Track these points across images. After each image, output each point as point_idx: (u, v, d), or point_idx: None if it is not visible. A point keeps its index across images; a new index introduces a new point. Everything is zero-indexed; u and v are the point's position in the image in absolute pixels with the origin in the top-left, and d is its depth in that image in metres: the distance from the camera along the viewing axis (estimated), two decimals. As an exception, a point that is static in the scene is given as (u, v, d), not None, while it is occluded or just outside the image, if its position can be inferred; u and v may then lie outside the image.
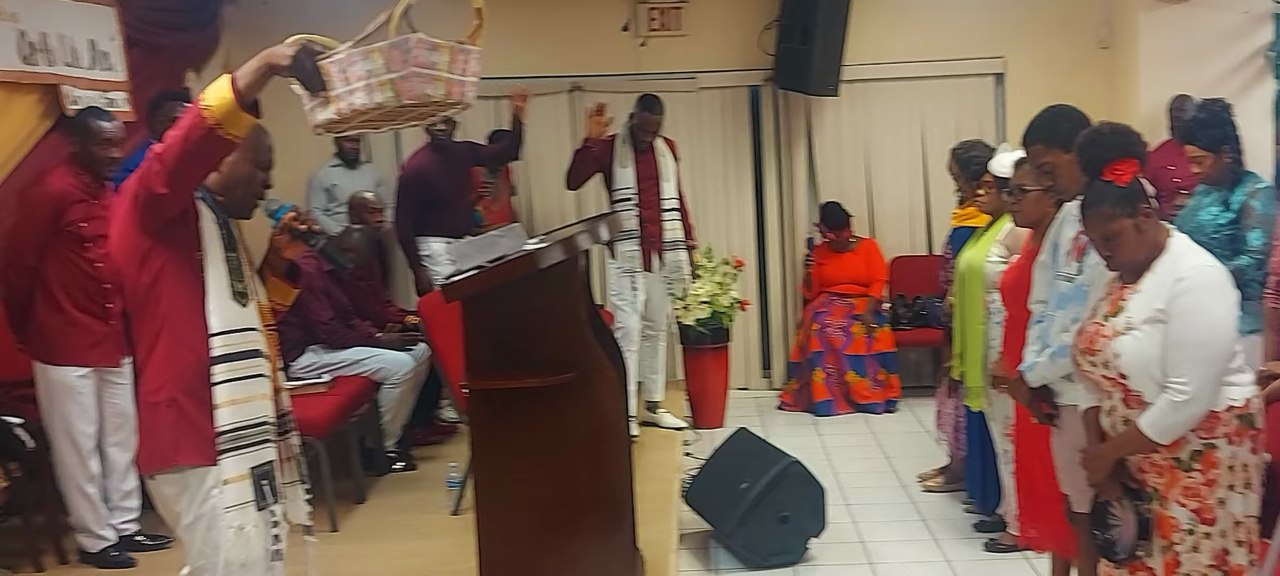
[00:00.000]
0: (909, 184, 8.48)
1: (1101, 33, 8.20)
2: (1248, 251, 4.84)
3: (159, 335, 3.00)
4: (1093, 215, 3.30)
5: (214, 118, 2.80)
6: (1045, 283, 3.91)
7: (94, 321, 4.95)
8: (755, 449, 5.54)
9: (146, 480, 3.13)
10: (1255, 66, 7.59)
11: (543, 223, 8.26)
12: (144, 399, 3.05)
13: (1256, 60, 7.59)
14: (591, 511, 3.96)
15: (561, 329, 3.89)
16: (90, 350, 4.97)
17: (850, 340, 7.87)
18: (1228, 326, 3.21)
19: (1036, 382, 3.83)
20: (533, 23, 8.05)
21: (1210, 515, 3.23)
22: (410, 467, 6.31)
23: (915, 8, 8.29)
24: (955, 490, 5.98)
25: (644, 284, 6.80)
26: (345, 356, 6.05)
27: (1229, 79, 7.46)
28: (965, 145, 5.77)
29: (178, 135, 2.84)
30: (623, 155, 6.74)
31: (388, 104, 2.86)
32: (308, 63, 2.85)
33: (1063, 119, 3.78)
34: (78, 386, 4.96)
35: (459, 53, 3.00)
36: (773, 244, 8.56)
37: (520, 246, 3.94)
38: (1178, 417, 3.18)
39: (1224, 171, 5.02)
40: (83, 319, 4.95)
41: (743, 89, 8.45)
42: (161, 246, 2.97)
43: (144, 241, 2.97)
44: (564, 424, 3.88)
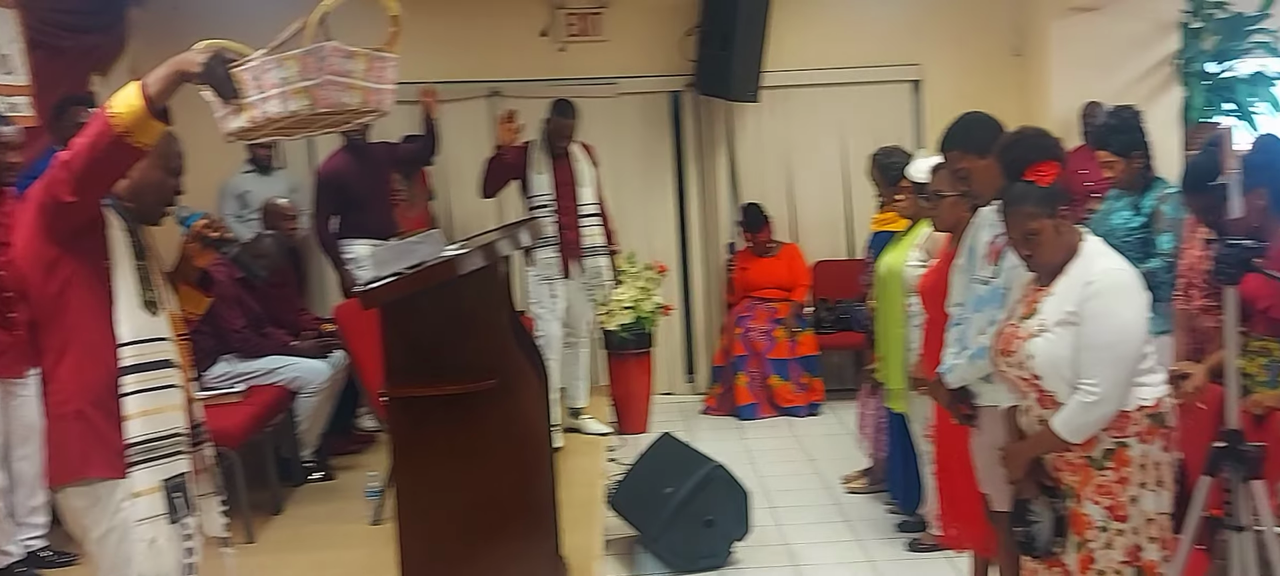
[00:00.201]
0: (829, 189, 8.54)
1: (1014, 41, 8.33)
2: (1158, 254, 4.93)
3: (66, 346, 2.93)
4: (1015, 214, 3.35)
5: (122, 125, 2.74)
6: (962, 286, 3.95)
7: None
8: (679, 454, 5.54)
9: (55, 494, 3.06)
10: (1163, 74, 7.76)
11: (463, 228, 8.16)
12: (51, 411, 2.97)
13: (1164, 68, 7.77)
14: (515, 518, 3.93)
15: (483, 335, 3.87)
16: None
17: (773, 344, 7.91)
18: (1137, 328, 3.27)
19: (955, 384, 3.87)
20: (450, 27, 7.97)
21: (1123, 512, 3.28)
22: (328, 477, 6.22)
23: (834, 15, 8.35)
24: (878, 491, 6.02)
25: (563, 291, 6.75)
26: (260, 365, 5.95)
27: (1137, 86, 7.63)
28: (884, 151, 5.83)
29: (85, 143, 2.78)
30: (538, 162, 6.68)
31: (302, 112, 2.81)
32: (220, 70, 2.80)
33: (977, 125, 3.84)
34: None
35: (375, 60, 2.96)
36: (695, 249, 8.58)
37: (440, 252, 3.91)
38: (1088, 417, 3.24)
39: (1135, 176, 5.12)
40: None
41: (663, 95, 8.45)
42: (69, 255, 2.90)
43: (51, 250, 2.90)
44: (486, 430, 3.86)
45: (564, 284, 6.75)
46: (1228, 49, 7.70)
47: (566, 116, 6.71)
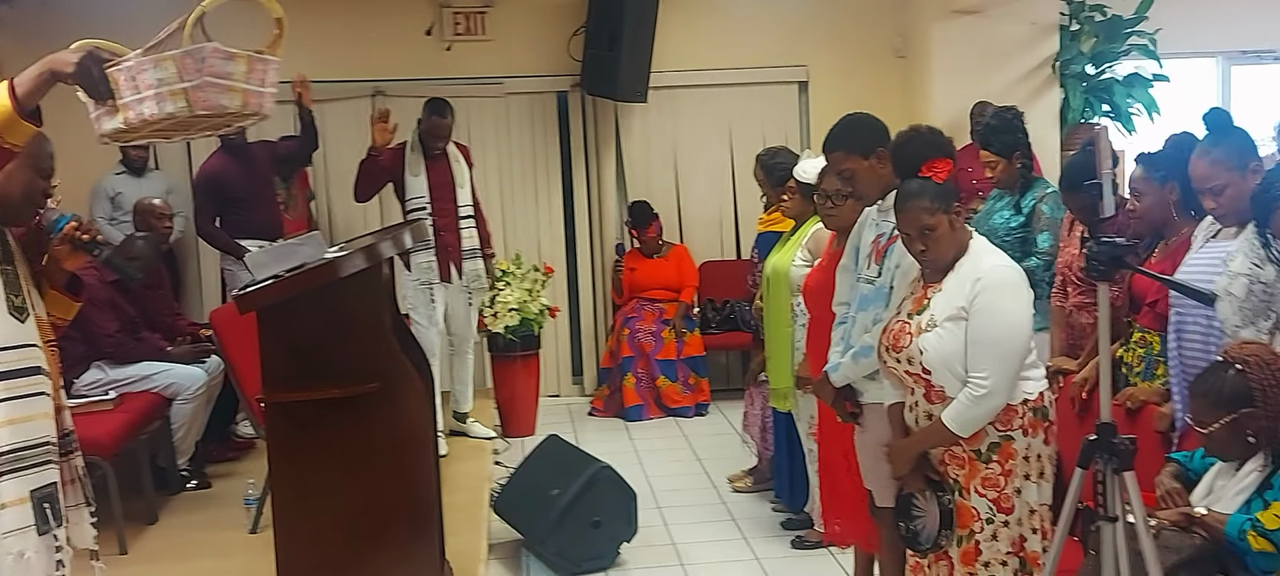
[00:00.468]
0: (717, 189, 8.59)
1: (897, 43, 8.45)
2: (1037, 253, 5.04)
3: None
4: (911, 208, 3.40)
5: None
6: (847, 285, 4.01)
7: None
8: (566, 455, 5.52)
9: None
10: (1043, 76, 7.93)
11: (345, 230, 8.04)
12: None
13: (1044, 70, 7.93)
14: (397, 523, 3.88)
15: (365, 338, 3.80)
16: None
17: (661, 345, 7.92)
18: (1024, 324, 3.37)
19: (840, 382, 3.91)
20: (332, 25, 7.83)
21: (1008, 504, 3.37)
22: (205, 486, 6.07)
23: (721, 17, 8.40)
24: (764, 490, 6.06)
25: (442, 295, 6.63)
26: (133, 371, 5.78)
27: (1017, 87, 7.78)
28: (770, 151, 5.87)
29: None
30: (413, 163, 6.53)
31: (179, 114, 2.74)
32: (94, 70, 2.72)
33: (860, 127, 3.88)
34: None
35: (257, 62, 2.89)
36: (583, 250, 8.55)
37: (320, 254, 3.83)
38: (978, 411, 3.31)
39: (1015, 176, 5.23)
40: None
41: (551, 95, 8.42)
42: None
43: None
44: (369, 434, 3.80)
45: (443, 288, 6.63)
46: (1105, 51, 7.91)
47: (442, 116, 6.58)
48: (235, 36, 2.90)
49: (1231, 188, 3.59)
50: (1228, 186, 3.59)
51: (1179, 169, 3.94)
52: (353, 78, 8.02)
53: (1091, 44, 7.88)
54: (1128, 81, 7.97)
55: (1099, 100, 7.99)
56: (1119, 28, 7.86)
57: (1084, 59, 7.91)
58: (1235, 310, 3.46)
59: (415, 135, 6.62)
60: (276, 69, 2.99)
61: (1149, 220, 4.09)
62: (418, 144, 6.59)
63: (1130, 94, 7.94)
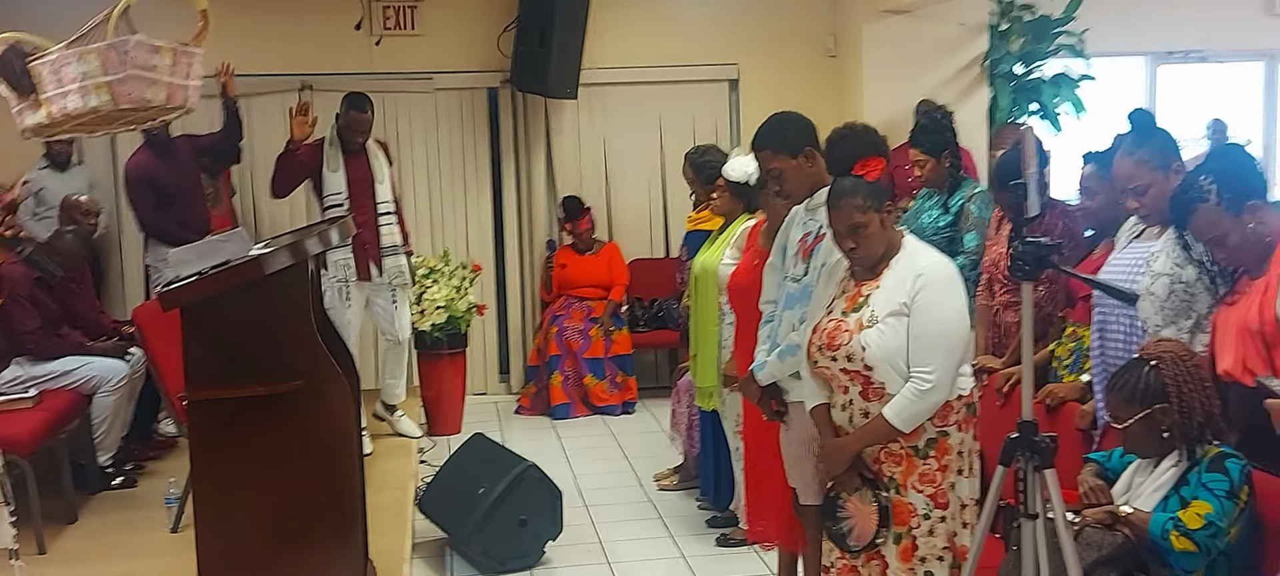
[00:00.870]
0: (647, 187, 8.60)
1: (828, 42, 8.51)
2: (964, 252, 5.11)
3: None
4: (843, 206, 3.42)
5: None
6: (774, 283, 4.02)
7: None
8: (492, 454, 5.50)
9: None
10: (972, 75, 8.02)
11: (271, 226, 7.95)
12: None
13: (973, 69, 8.01)
14: (321, 522, 3.85)
15: (289, 336, 3.76)
16: None
17: (588, 343, 7.92)
18: (964, 318, 3.43)
19: (766, 381, 3.92)
20: (260, 17, 7.73)
21: (943, 499, 3.40)
22: (129, 484, 5.97)
23: (652, 13, 8.41)
24: (690, 488, 6.08)
25: (357, 294, 6.50)
26: (53, 368, 5.66)
27: (947, 87, 7.86)
28: (699, 150, 5.88)
29: None
30: (331, 159, 6.41)
31: (103, 108, 2.72)
32: (16, 63, 2.69)
33: (787, 126, 3.89)
34: None
35: (182, 55, 2.87)
36: (511, 247, 8.52)
37: (245, 251, 3.79)
38: (922, 405, 3.34)
39: (944, 175, 5.29)
40: None
41: (480, 90, 8.38)
42: None
43: None
44: (292, 433, 3.77)
45: (359, 287, 6.50)
46: (1034, 51, 8.01)
47: (361, 110, 6.47)
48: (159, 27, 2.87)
49: (1154, 188, 3.64)
50: (1151, 187, 3.65)
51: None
52: (280, 71, 7.91)
53: (1020, 43, 7.97)
54: (1055, 81, 8.08)
55: (1027, 100, 8.09)
56: (1047, 27, 7.96)
57: (1012, 58, 8.01)
58: (1157, 310, 3.54)
59: (334, 130, 6.50)
60: (201, 61, 2.97)
61: (1102, 217, 4.15)
62: (336, 139, 6.47)
63: (1057, 93, 8.04)
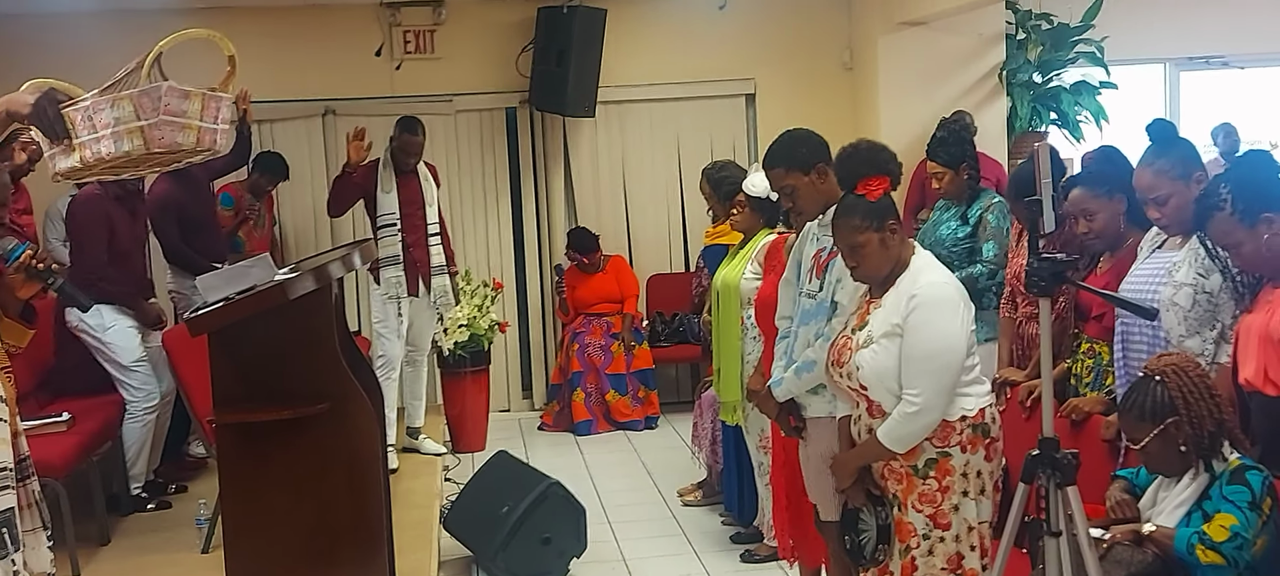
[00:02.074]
0: (665, 203, 8.64)
1: (844, 55, 8.53)
2: (981, 261, 5.12)
3: None
4: (841, 226, 3.44)
5: None
6: (790, 299, 4.03)
7: None
8: (515, 471, 5.53)
9: None
10: (989, 85, 8.01)
11: (298, 249, 8.06)
12: None
13: (991, 79, 8.01)
14: (348, 542, 3.87)
15: (314, 359, 3.80)
16: None
17: (610, 359, 7.95)
18: (958, 340, 3.37)
19: (783, 397, 3.92)
20: (284, 45, 7.87)
21: (945, 520, 3.38)
22: (164, 506, 6.03)
23: (669, 31, 8.44)
24: (713, 503, 6.10)
25: (408, 310, 6.67)
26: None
27: (965, 98, 7.86)
28: (716, 166, 5.91)
29: None
30: (385, 180, 6.57)
31: (135, 152, 2.78)
32: (49, 110, 2.76)
33: (800, 143, 3.90)
34: None
35: (211, 100, 2.94)
36: (531, 265, 8.58)
37: (270, 276, 3.84)
38: (910, 427, 3.33)
39: (963, 187, 5.30)
40: None
41: (499, 111, 8.44)
42: None
43: None
44: (318, 455, 3.79)
45: (410, 303, 6.67)
46: (1052, 59, 7.99)
47: (414, 133, 6.63)
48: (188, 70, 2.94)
49: (1176, 198, 3.62)
50: (1172, 196, 3.63)
51: (1121, 180, 4.01)
52: (304, 97, 8.04)
53: (1038, 52, 7.95)
54: (1075, 89, 8.04)
55: (1046, 108, 8.07)
56: (1066, 36, 7.94)
57: (1031, 67, 7.99)
58: (1181, 320, 3.52)
59: (387, 153, 6.64)
60: (230, 105, 3.04)
61: (1106, 236, 4.11)
62: (390, 161, 6.62)
63: (1078, 101, 8.01)
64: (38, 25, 7.41)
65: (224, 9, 7.68)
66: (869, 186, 3.43)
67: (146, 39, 2.98)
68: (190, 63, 3.02)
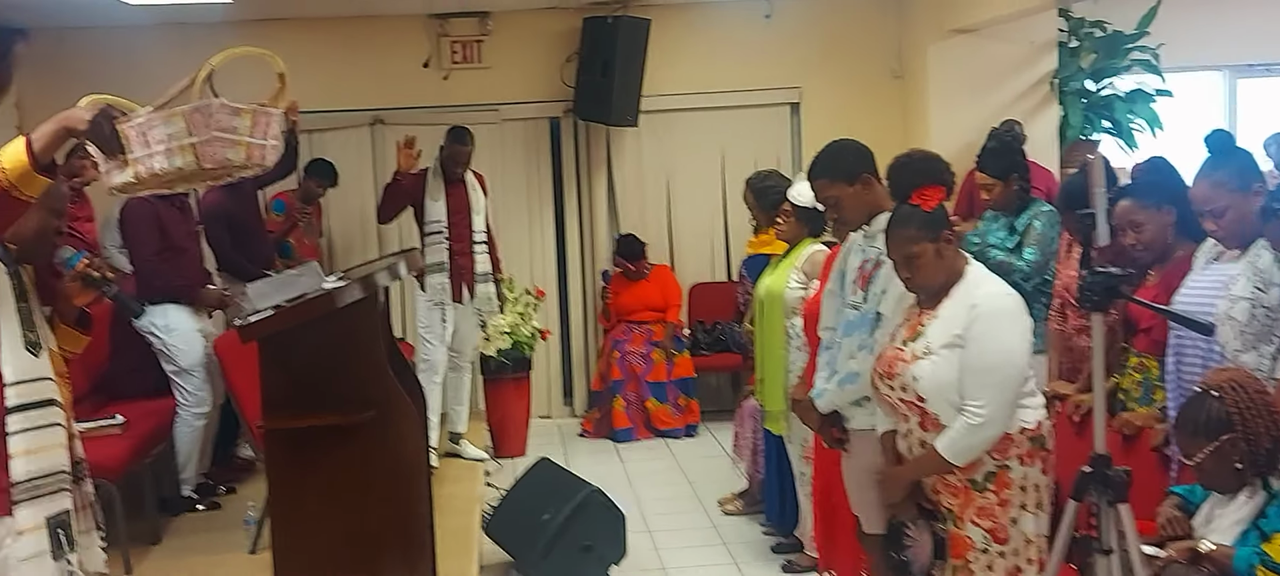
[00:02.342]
0: (708, 212, 8.63)
1: (893, 63, 8.46)
2: (1021, 261, 5.08)
3: None
4: (896, 236, 3.41)
5: (8, 179, 2.77)
6: (833, 310, 4.01)
7: None
8: (556, 478, 5.55)
9: None
10: (1041, 93, 7.89)
11: (345, 256, 8.14)
12: None
13: (1042, 87, 7.89)
14: (391, 547, 3.90)
15: (360, 366, 3.84)
16: None
17: (651, 367, 7.96)
18: (1021, 351, 3.34)
19: (826, 409, 3.90)
20: (334, 55, 7.98)
21: (1003, 534, 3.34)
22: (214, 506, 6.10)
23: (713, 39, 8.43)
24: (754, 513, 6.09)
25: (453, 316, 6.72)
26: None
27: (1015, 106, 7.73)
28: (759, 176, 5.88)
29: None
30: (434, 188, 6.65)
31: (187, 167, 2.83)
32: (105, 126, 2.81)
33: (844, 153, 3.87)
34: None
35: (261, 116, 2.99)
36: (573, 273, 8.60)
37: (319, 285, 3.88)
38: (974, 440, 3.28)
39: (1013, 198, 5.26)
40: None
41: (544, 120, 8.49)
42: None
43: None
44: (363, 461, 3.82)
45: (455, 309, 6.72)
46: (1106, 67, 7.87)
47: (463, 143, 6.69)
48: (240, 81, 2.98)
49: (1233, 210, 3.57)
50: (1229, 208, 3.57)
51: (1169, 192, 3.97)
52: (353, 107, 8.14)
53: (1091, 60, 7.85)
54: (1130, 97, 7.91)
55: (1099, 116, 7.95)
56: (1119, 43, 7.81)
57: (1083, 75, 7.88)
58: (1237, 335, 3.46)
59: (437, 161, 6.72)
60: (280, 120, 3.08)
61: (1154, 248, 4.07)
62: (439, 170, 6.70)
63: (1132, 110, 7.88)
64: (99, 38, 7.59)
65: (276, 20, 7.79)
66: (924, 196, 3.39)
67: (201, 51, 3.03)
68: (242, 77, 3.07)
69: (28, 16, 7.40)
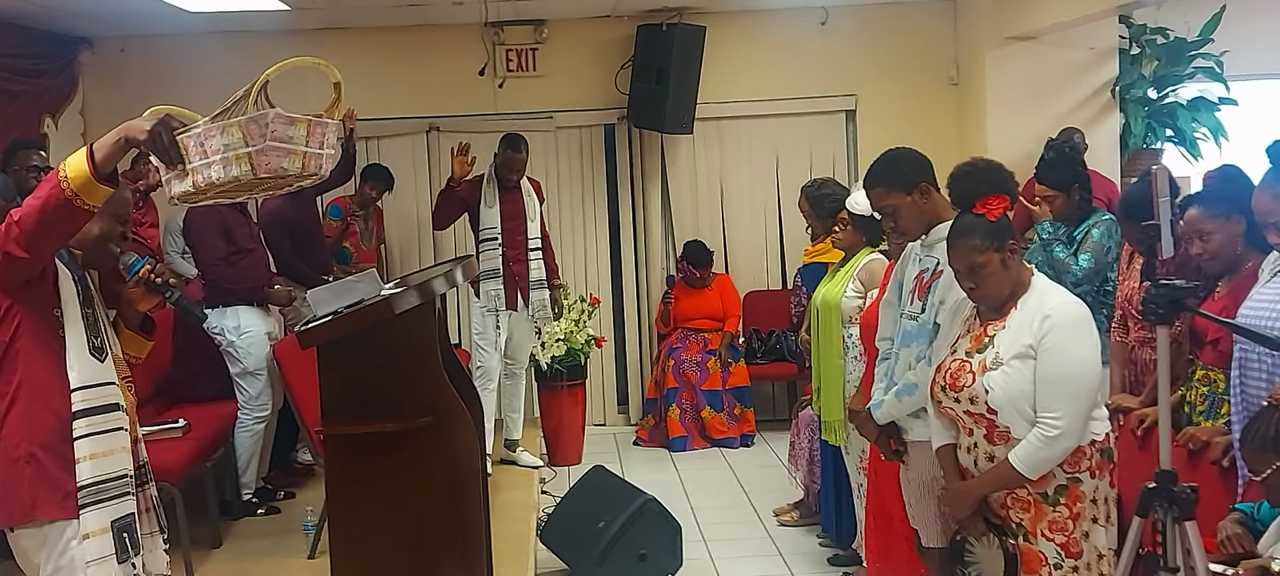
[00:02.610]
0: (763, 219, 8.61)
1: (950, 70, 8.41)
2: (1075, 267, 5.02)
3: (16, 393, 3.02)
4: (961, 246, 3.36)
5: (71, 189, 2.82)
6: (890, 320, 3.98)
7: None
8: (611, 486, 5.55)
9: (7, 534, 3.12)
10: (1102, 101, 7.79)
11: (403, 262, 8.21)
12: (3, 453, 3.04)
13: (1103, 95, 7.79)
14: (447, 554, 3.91)
15: (417, 373, 3.84)
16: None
17: (706, 375, 7.94)
18: (1094, 362, 3.30)
19: (884, 420, 3.87)
20: (390, 64, 8.05)
21: (1076, 548, 3.30)
22: (274, 511, 6.16)
23: (768, 46, 8.40)
24: (811, 524, 6.05)
25: (507, 323, 6.76)
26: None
27: (1076, 114, 7.64)
28: (816, 183, 5.85)
29: (36, 204, 2.86)
30: (488, 195, 6.68)
31: (243, 177, 2.87)
32: (164, 136, 2.86)
33: (901, 161, 3.83)
34: None
35: (316, 125, 3.02)
36: (628, 281, 8.61)
37: (376, 291, 3.90)
38: (1049, 452, 3.24)
39: (1073, 209, 5.20)
40: None
41: (598, 127, 8.50)
42: (19, 305, 3.00)
43: (2, 300, 2.99)
44: (420, 468, 3.83)
45: (509, 316, 6.75)
46: (1168, 74, 7.76)
47: (517, 150, 6.72)
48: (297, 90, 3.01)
49: None
50: None
51: (1240, 201, 3.90)
52: (409, 114, 8.20)
53: (1153, 67, 7.74)
54: (1193, 105, 7.78)
55: (1162, 125, 7.83)
56: (1182, 50, 7.69)
57: (1145, 83, 7.78)
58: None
59: (491, 168, 6.75)
60: (335, 130, 3.11)
61: (1222, 258, 4.00)
62: (494, 177, 6.73)
63: (1195, 118, 7.76)
64: (161, 46, 7.72)
65: (334, 29, 7.87)
66: (989, 205, 3.34)
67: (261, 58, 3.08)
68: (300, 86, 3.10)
69: (91, 25, 7.54)
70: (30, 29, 7.12)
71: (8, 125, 6.43)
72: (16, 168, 5.12)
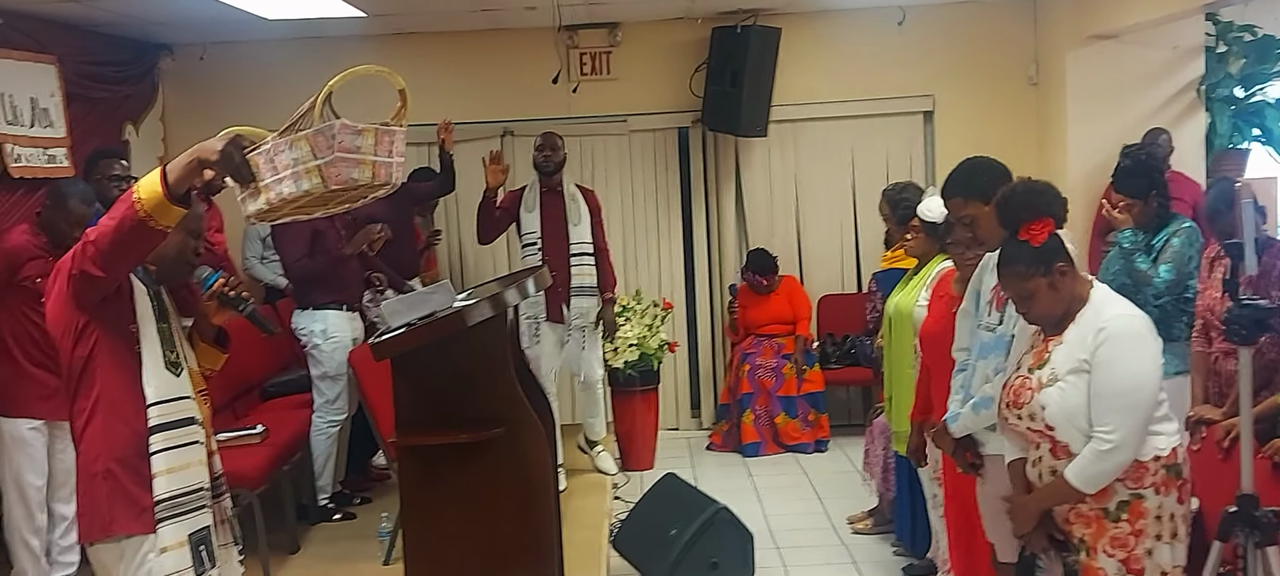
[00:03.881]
0: (838, 222, 8.55)
1: (1030, 70, 8.28)
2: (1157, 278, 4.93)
3: (94, 409, 3.06)
4: (1007, 275, 3.35)
5: (145, 210, 2.85)
6: (968, 331, 3.93)
7: (46, 374, 4.89)
8: (683, 494, 5.55)
9: (87, 547, 3.17)
10: (1186, 101, 7.63)
11: (476, 272, 8.25)
12: (82, 468, 3.10)
13: (1187, 95, 7.63)
14: (519, 564, 3.94)
15: (490, 384, 3.88)
16: (42, 402, 4.97)
17: (781, 381, 7.90)
18: (1152, 375, 3.24)
19: (960, 433, 3.84)
20: (465, 69, 8.11)
21: (1138, 565, 3.25)
22: (349, 517, 6.24)
23: (844, 47, 8.34)
24: (885, 532, 6.00)
25: (549, 333, 6.56)
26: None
27: (1159, 114, 7.50)
28: (897, 187, 5.75)
29: (111, 224, 2.90)
30: (529, 199, 6.60)
31: (315, 190, 2.89)
32: (236, 156, 2.89)
33: (979, 171, 3.80)
34: (29, 438, 5.00)
35: (384, 134, 3.04)
36: (702, 285, 8.59)
37: (450, 303, 3.93)
38: (1103, 466, 3.20)
39: (1152, 216, 5.11)
40: (36, 372, 4.97)
41: (672, 131, 8.49)
42: (96, 321, 3.04)
43: (78, 317, 3.04)
44: (493, 478, 3.87)
45: (551, 326, 6.58)
46: (1256, 72, 7.60)
47: (545, 148, 6.63)
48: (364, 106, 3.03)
49: None
50: None
51: None
52: (484, 119, 8.22)
53: (1240, 65, 7.57)
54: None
55: (1249, 124, 7.66)
56: (1271, 47, 7.53)
57: (1232, 81, 7.61)
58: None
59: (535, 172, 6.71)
60: (403, 138, 3.13)
61: None
62: (536, 181, 6.68)
63: (1284, 117, 7.62)
64: (240, 52, 7.84)
65: (407, 34, 7.94)
66: (1032, 232, 3.30)
67: (337, 63, 3.10)
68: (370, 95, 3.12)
69: (171, 32, 7.66)
70: (111, 36, 7.25)
71: (89, 132, 6.55)
72: (98, 177, 5.24)
